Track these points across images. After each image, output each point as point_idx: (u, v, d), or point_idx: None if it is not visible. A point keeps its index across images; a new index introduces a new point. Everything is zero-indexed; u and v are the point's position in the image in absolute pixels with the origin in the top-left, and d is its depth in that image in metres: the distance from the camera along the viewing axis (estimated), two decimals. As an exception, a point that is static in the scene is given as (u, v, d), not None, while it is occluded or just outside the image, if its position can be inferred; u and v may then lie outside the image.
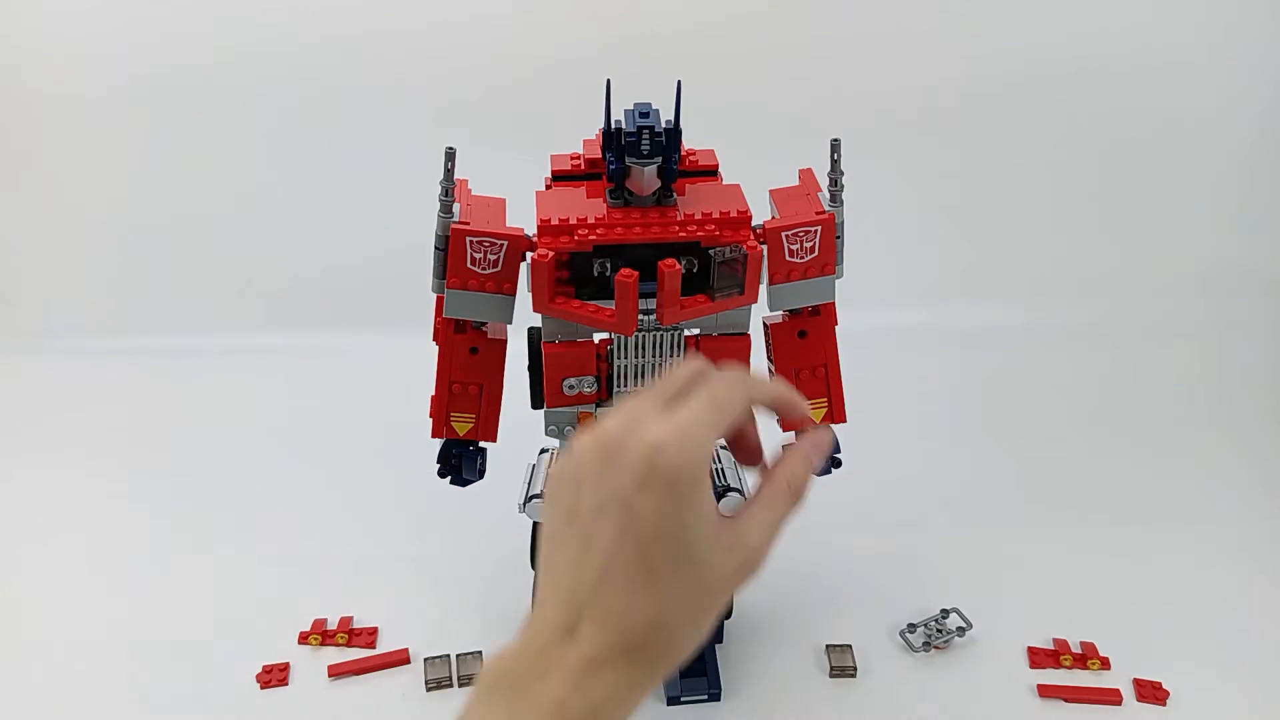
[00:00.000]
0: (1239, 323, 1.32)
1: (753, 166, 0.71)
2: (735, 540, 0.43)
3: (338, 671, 0.81)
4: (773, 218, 0.69)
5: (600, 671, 0.41)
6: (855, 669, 0.81)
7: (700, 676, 0.78)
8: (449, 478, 0.74)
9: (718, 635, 0.82)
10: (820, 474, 0.73)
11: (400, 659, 0.82)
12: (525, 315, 0.68)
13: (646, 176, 0.62)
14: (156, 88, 1.35)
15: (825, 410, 0.72)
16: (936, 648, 0.83)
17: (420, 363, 0.80)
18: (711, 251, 0.63)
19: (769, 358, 0.73)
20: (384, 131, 1.35)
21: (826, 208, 0.68)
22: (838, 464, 0.73)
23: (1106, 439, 1.12)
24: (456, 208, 0.66)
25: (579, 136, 0.72)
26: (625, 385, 0.68)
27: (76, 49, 1.34)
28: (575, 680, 0.41)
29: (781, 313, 0.71)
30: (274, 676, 0.81)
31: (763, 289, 0.68)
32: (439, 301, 0.69)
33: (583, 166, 0.70)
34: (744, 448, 0.51)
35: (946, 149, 1.36)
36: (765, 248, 0.66)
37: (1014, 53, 1.33)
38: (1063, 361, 1.26)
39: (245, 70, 1.34)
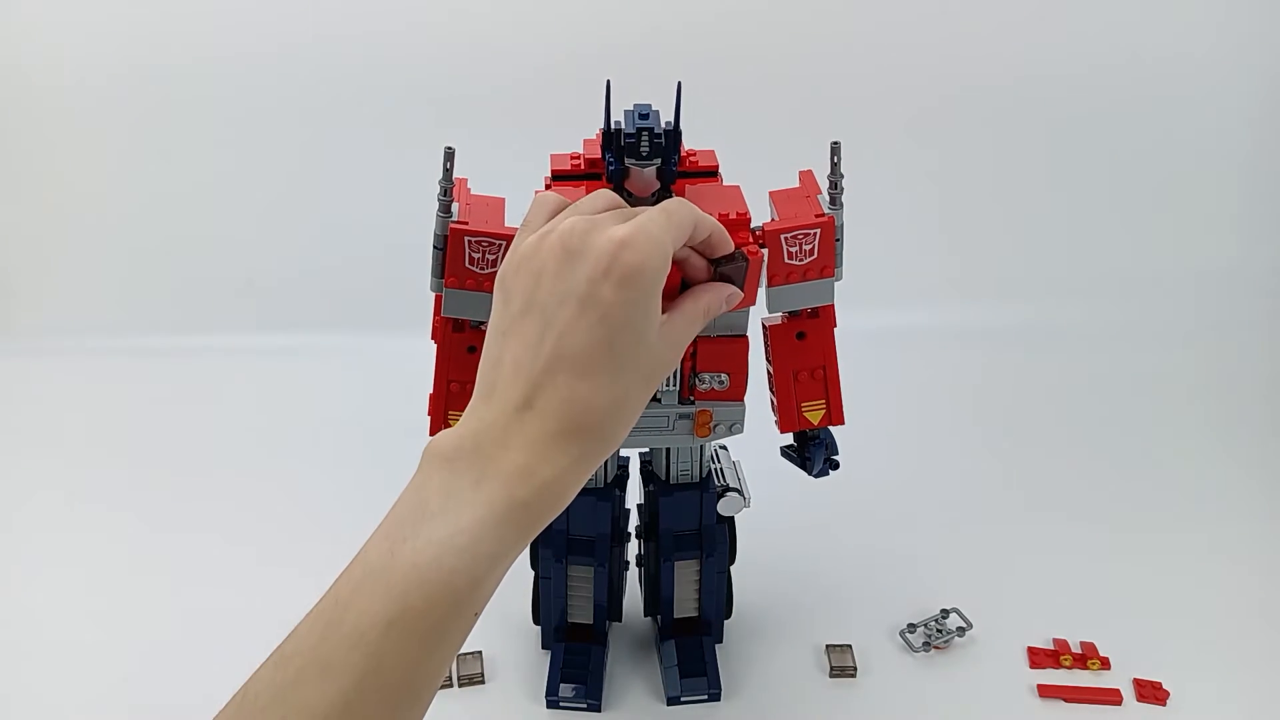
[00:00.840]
0: (1238, 323, 1.32)
1: (753, 168, 0.71)
2: (667, 338, 0.49)
3: (337, 672, 0.81)
4: (772, 220, 0.68)
5: (560, 444, 0.44)
6: (855, 669, 0.81)
7: (700, 676, 0.78)
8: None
9: (718, 635, 0.82)
10: (818, 475, 0.73)
11: (400, 659, 0.82)
12: (525, 315, 0.68)
13: (646, 178, 0.62)
14: (156, 86, 1.35)
15: (824, 412, 0.72)
16: (936, 648, 0.83)
17: (419, 362, 0.79)
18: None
19: (767, 359, 0.73)
20: (383, 130, 1.35)
21: (826, 210, 0.68)
22: (835, 465, 0.73)
23: (1107, 439, 1.12)
24: (455, 207, 0.66)
25: (579, 136, 0.72)
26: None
27: (76, 48, 1.34)
28: (538, 450, 0.44)
29: (780, 314, 0.71)
30: (274, 677, 0.80)
31: (761, 291, 0.68)
32: (437, 300, 0.69)
33: (582, 166, 0.70)
34: (694, 266, 0.55)
35: (946, 150, 1.36)
36: (765, 250, 0.66)
37: (1014, 54, 1.33)
38: (1063, 362, 1.26)
39: (245, 69, 1.34)
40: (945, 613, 0.86)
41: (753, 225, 0.66)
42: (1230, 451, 1.10)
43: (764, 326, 0.72)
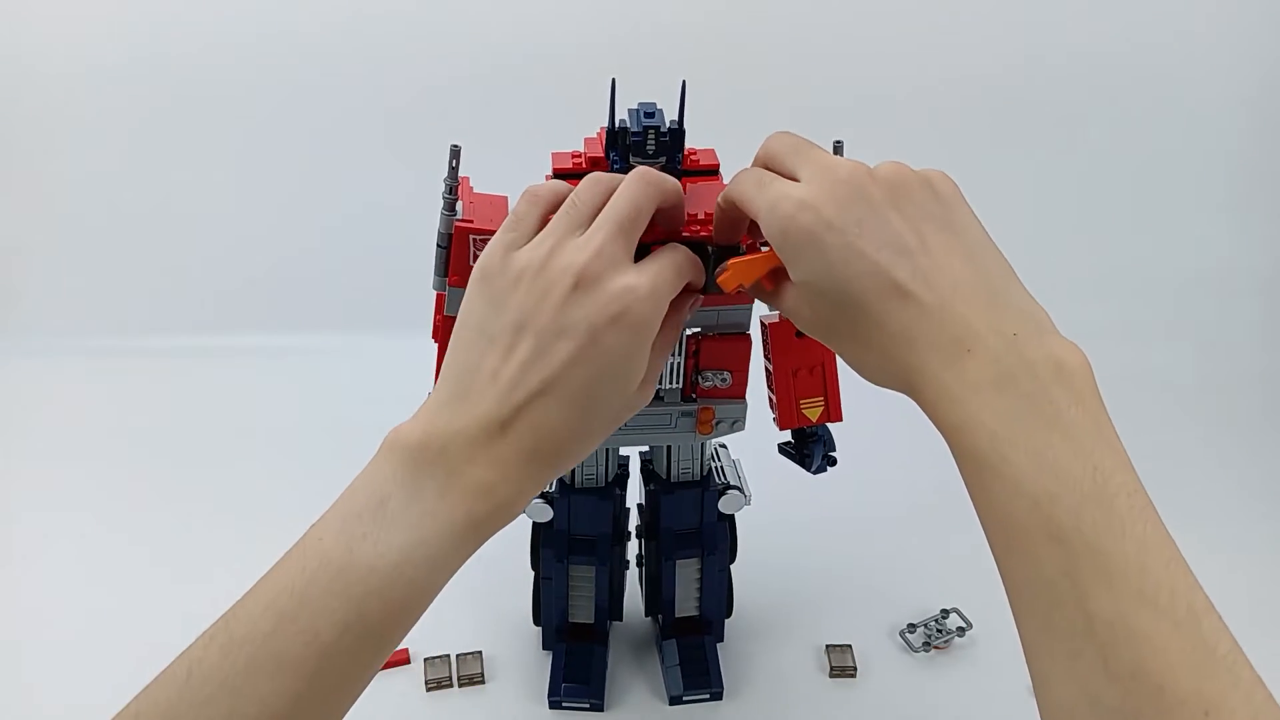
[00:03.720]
0: (1237, 323, 1.32)
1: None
2: (646, 385, 0.50)
3: (338, 670, 0.81)
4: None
5: (524, 467, 0.46)
6: (855, 669, 0.81)
7: (702, 676, 0.79)
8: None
9: (718, 634, 0.82)
10: (816, 472, 0.73)
11: (400, 659, 0.82)
12: (526, 314, 0.68)
13: (649, 176, 0.62)
14: (158, 87, 1.35)
15: (822, 409, 0.73)
16: (936, 648, 0.83)
17: (420, 362, 0.80)
18: (710, 249, 0.63)
19: (766, 357, 0.73)
20: (385, 129, 1.35)
21: (827, 207, 0.68)
22: (833, 461, 0.74)
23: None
24: (459, 205, 0.66)
25: (581, 135, 0.72)
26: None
27: (75, 48, 1.34)
28: (503, 470, 0.46)
29: (779, 312, 0.71)
30: (274, 675, 0.80)
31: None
32: (439, 299, 0.69)
33: (584, 165, 0.70)
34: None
35: (945, 149, 1.36)
36: (766, 248, 0.66)
37: (1014, 54, 1.33)
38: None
39: (245, 69, 1.34)
40: (945, 613, 0.86)
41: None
42: (1228, 452, 1.10)
43: (763, 325, 0.72)
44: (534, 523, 0.76)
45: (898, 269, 0.45)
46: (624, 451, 0.80)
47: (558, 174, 0.70)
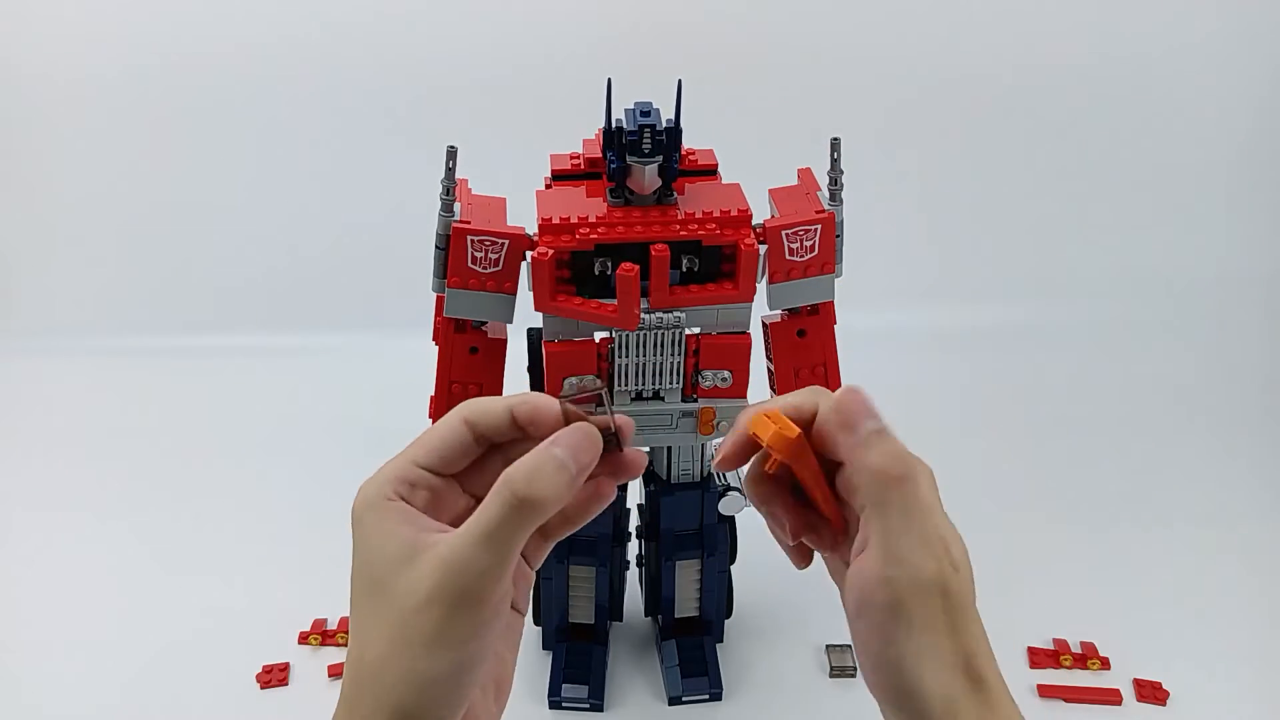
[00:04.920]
0: (1237, 323, 1.32)
1: (752, 166, 0.71)
2: None
3: (338, 672, 0.81)
4: (772, 216, 0.69)
5: None
6: (855, 669, 0.81)
7: (701, 676, 0.78)
8: (448, 477, 0.74)
9: (719, 635, 0.82)
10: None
11: (400, 659, 0.82)
12: (525, 315, 0.68)
13: (648, 175, 0.62)
14: (157, 85, 1.35)
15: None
16: (937, 647, 0.83)
17: (420, 363, 0.79)
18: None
19: (768, 357, 0.73)
20: (384, 131, 1.35)
21: (826, 206, 0.68)
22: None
23: (1107, 439, 1.12)
24: (457, 207, 0.66)
25: (579, 136, 0.72)
26: (626, 384, 0.68)
27: (75, 48, 1.34)
28: None
29: (780, 312, 0.71)
30: (274, 676, 0.81)
31: (762, 287, 0.68)
32: (439, 301, 0.69)
33: (582, 166, 0.70)
34: None
35: (945, 149, 1.36)
36: (764, 247, 0.66)
37: (1013, 54, 1.33)
38: (1063, 362, 1.26)
39: (245, 69, 1.34)
40: (946, 612, 0.86)
41: (754, 222, 0.66)
42: (1230, 452, 1.10)
43: (764, 324, 0.72)
44: (534, 523, 0.76)
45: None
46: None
47: (556, 175, 0.71)
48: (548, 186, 0.71)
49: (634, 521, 0.83)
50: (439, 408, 0.72)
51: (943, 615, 0.39)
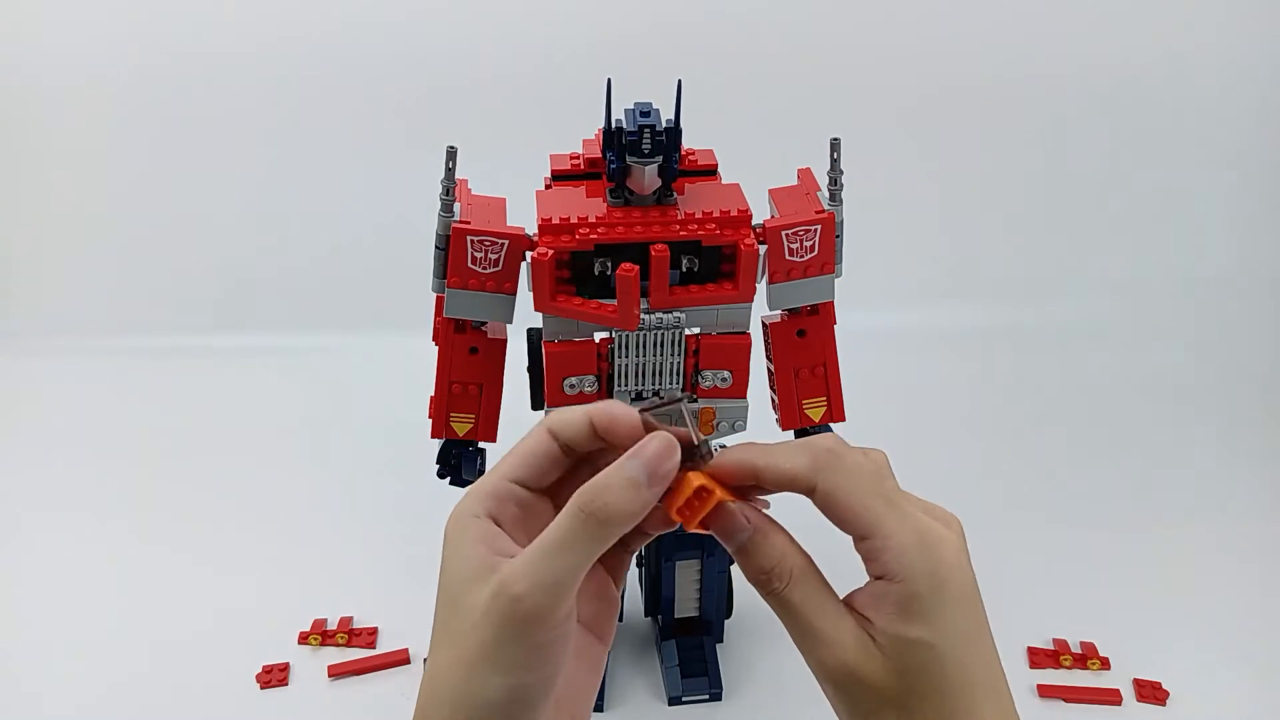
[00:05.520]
0: (1236, 323, 1.32)
1: (752, 166, 0.71)
2: None
3: (338, 671, 0.81)
4: (772, 217, 0.69)
5: None
6: (855, 669, 0.81)
7: (701, 676, 0.78)
8: (448, 478, 0.74)
9: (718, 635, 0.82)
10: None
11: (400, 659, 0.82)
12: (525, 315, 0.68)
13: (647, 175, 0.62)
14: (157, 86, 1.35)
15: (824, 409, 0.72)
16: (937, 647, 0.83)
17: (420, 363, 0.79)
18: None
19: (768, 357, 0.73)
20: (384, 131, 1.35)
21: (826, 207, 0.68)
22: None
23: (1107, 439, 1.12)
24: (457, 207, 0.66)
25: (578, 136, 0.72)
26: (626, 384, 0.68)
27: (75, 49, 1.34)
28: None
29: (780, 312, 0.71)
30: (274, 676, 0.80)
31: (762, 287, 0.68)
32: (439, 301, 0.69)
33: (582, 166, 0.70)
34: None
35: (945, 149, 1.36)
36: (764, 247, 0.66)
37: (1012, 55, 1.33)
38: (1064, 362, 1.26)
39: (245, 70, 1.34)
40: (945, 612, 0.86)
41: (753, 222, 0.66)
42: (1229, 452, 1.10)
43: (764, 324, 0.72)
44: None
45: None
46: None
47: (556, 175, 0.71)
48: (548, 186, 0.70)
49: (634, 521, 0.82)
50: (439, 408, 0.72)
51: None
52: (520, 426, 0.76)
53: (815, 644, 0.37)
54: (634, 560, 0.84)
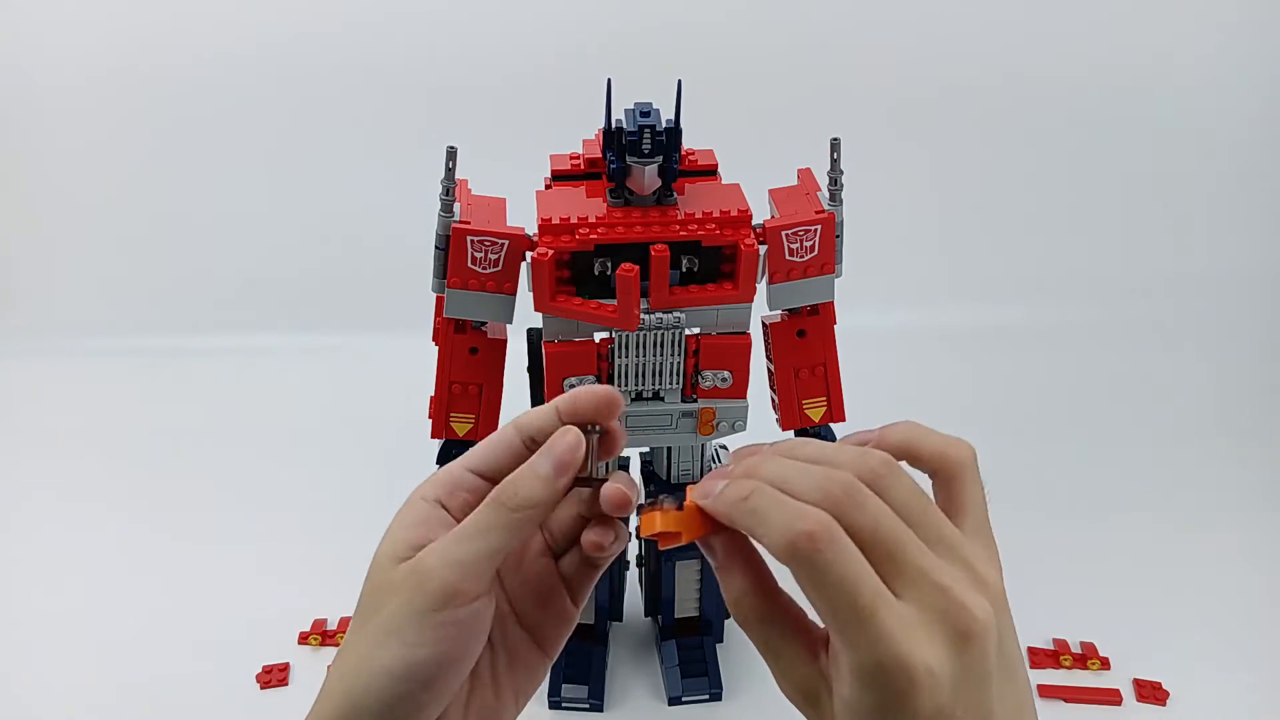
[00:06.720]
0: (1239, 323, 1.32)
1: (752, 166, 0.71)
2: None
3: (338, 671, 0.81)
4: (772, 217, 0.69)
5: None
6: (855, 669, 0.81)
7: (701, 676, 0.78)
8: (449, 478, 0.74)
9: (719, 635, 0.82)
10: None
11: (400, 659, 0.82)
12: (525, 315, 0.68)
13: (647, 176, 0.62)
14: (157, 86, 1.35)
15: (824, 409, 0.72)
16: (937, 647, 0.83)
17: (420, 363, 0.79)
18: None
19: (768, 357, 0.73)
20: (383, 131, 1.35)
21: (826, 207, 0.68)
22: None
23: (1108, 439, 1.12)
24: (457, 207, 0.66)
25: (578, 136, 0.72)
26: (626, 384, 0.68)
27: (76, 49, 1.34)
28: None
29: (780, 312, 0.71)
30: (274, 676, 0.81)
31: (762, 287, 0.68)
32: (439, 301, 0.69)
33: (582, 166, 0.70)
34: None
35: (946, 149, 1.36)
36: (765, 247, 0.66)
37: (1011, 55, 1.33)
38: (1063, 362, 1.26)
39: (245, 71, 1.34)
40: (945, 612, 0.86)
41: (753, 222, 0.66)
42: (1229, 452, 1.10)
43: (764, 324, 0.72)
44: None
45: None
46: (624, 452, 0.80)
47: (556, 175, 0.71)
48: (548, 186, 0.70)
49: (633, 522, 0.83)
50: (439, 408, 0.72)
51: None
52: (520, 427, 0.77)
53: (776, 675, 0.37)
54: (634, 560, 0.84)
